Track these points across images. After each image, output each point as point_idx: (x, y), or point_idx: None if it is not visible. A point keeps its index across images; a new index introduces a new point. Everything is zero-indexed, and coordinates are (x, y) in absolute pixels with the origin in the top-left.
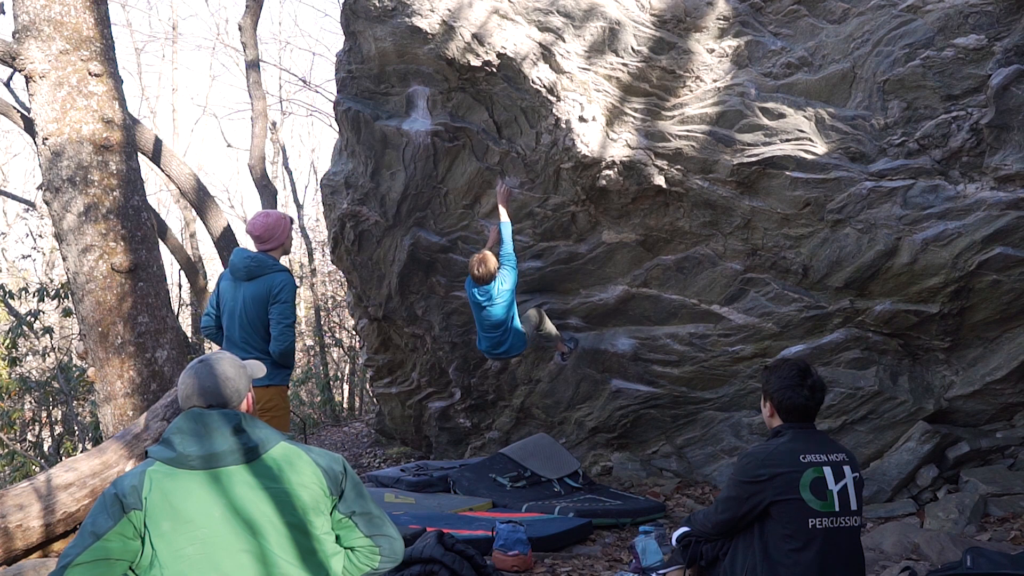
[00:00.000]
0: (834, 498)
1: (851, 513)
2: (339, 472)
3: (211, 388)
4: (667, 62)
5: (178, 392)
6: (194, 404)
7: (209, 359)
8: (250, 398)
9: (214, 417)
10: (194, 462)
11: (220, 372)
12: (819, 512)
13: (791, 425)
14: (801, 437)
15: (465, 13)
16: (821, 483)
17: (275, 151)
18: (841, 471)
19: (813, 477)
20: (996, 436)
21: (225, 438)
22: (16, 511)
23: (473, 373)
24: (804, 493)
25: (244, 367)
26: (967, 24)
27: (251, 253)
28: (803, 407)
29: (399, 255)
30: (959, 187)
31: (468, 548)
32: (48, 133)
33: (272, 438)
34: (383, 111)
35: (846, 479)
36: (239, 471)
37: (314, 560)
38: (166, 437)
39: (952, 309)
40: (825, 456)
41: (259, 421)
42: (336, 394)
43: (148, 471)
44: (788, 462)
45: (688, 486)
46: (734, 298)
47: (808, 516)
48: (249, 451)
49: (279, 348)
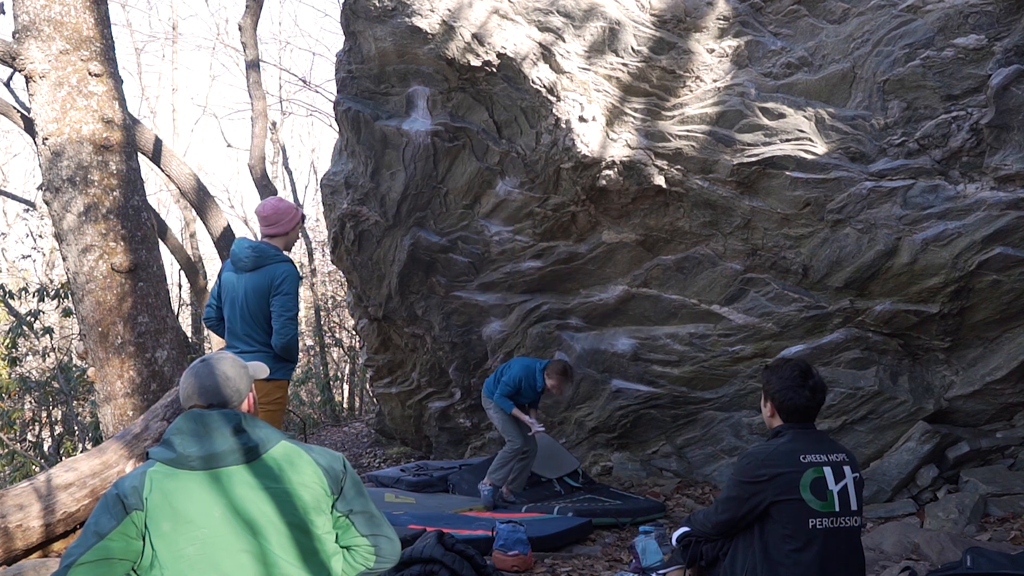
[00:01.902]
0: (834, 498)
1: (851, 513)
2: (339, 471)
3: (211, 388)
4: (667, 62)
5: (179, 392)
6: (195, 404)
7: (210, 359)
8: (251, 398)
9: (214, 417)
10: (194, 462)
11: (221, 372)
12: (819, 512)
13: (791, 425)
14: (801, 437)
15: (465, 13)
16: (821, 483)
17: (275, 151)
18: (841, 471)
19: (813, 477)
20: (996, 436)
21: (225, 438)
22: (16, 511)
23: (473, 373)
24: (804, 493)
25: (245, 367)
26: (967, 24)
27: (253, 243)
28: (804, 408)
29: (399, 255)
30: (959, 187)
31: (468, 548)
32: (48, 133)
33: (272, 438)
34: (383, 111)
35: (846, 479)
36: (239, 471)
37: (315, 560)
38: (166, 438)
39: (952, 309)
40: (825, 456)
41: (259, 421)
42: (336, 394)
43: (148, 472)
44: (788, 462)
45: (688, 486)
46: (734, 298)
47: (808, 516)
48: (249, 451)
49: (281, 341)
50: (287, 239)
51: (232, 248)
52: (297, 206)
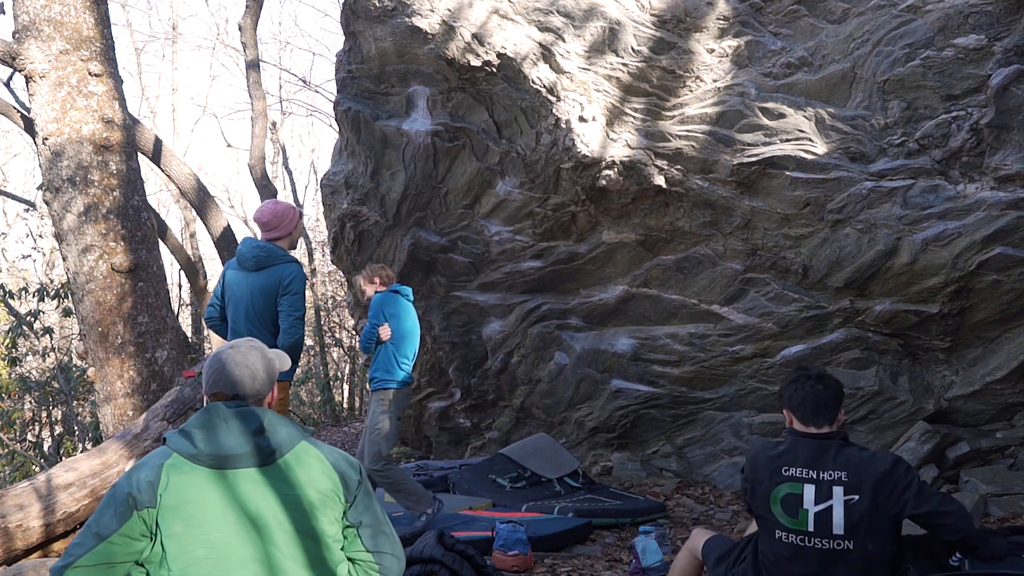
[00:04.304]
0: (808, 517)
1: (832, 536)
2: (355, 479)
3: (238, 380)
4: (667, 62)
5: (203, 376)
6: (217, 391)
7: (240, 346)
8: (275, 391)
9: (234, 416)
10: (212, 461)
11: (250, 365)
12: (787, 528)
13: (796, 432)
14: (799, 447)
15: (465, 13)
16: (795, 500)
17: (275, 151)
18: (828, 492)
19: (786, 492)
20: (996, 436)
21: (246, 439)
22: (16, 511)
23: (473, 373)
24: (774, 507)
25: (272, 360)
26: (967, 24)
27: (260, 243)
28: (811, 401)
29: (399, 255)
30: (959, 187)
31: (468, 548)
32: (48, 133)
33: (291, 439)
34: (383, 111)
35: (831, 501)
36: (255, 474)
37: (324, 569)
38: (187, 429)
39: (952, 309)
40: (814, 473)
41: (283, 419)
42: (336, 394)
43: (165, 465)
44: (767, 472)
45: (688, 486)
46: (734, 298)
47: (775, 528)
48: (266, 455)
49: (289, 341)
50: (290, 239)
51: (239, 247)
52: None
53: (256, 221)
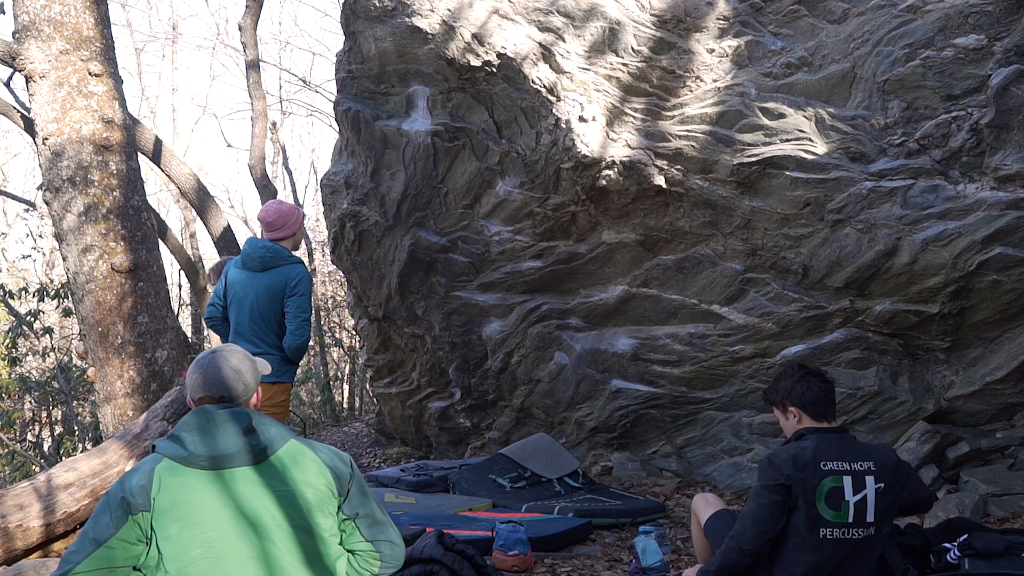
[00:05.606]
0: (849, 509)
1: (865, 524)
2: (346, 472)
3: (222, 381)
4: (667, 62)
5: (187, 383)
6: (204, 396)
7: (220, 351)
8: (259, 393)
9: (225, 416)
10: (203, 462)
11: (232, 366)
12: (830, 523)
13: (814, 429)
14: (825, 441)
15: (465, 13)
16: (838, 493)
17: (275, 151)
18: (863, 481)
19: (831, 487)
20: (996, 436)
21: (236, 438)
22: (16, 511)
23: (473, 373)
24: (819, 503)
25: (254, 361)
26: (967, 24)
27: (266, 243)
28: (823, 397)
29: (399, 255)
30: (959, 187)
31: (468, 548)
32: (48, 133)
33: (280, 437)
34: (383, 111)
35: (867, 490)
36: (247, 472)
37: (321, 564)
38: (176, 434)
39: (952, 309)
40: (848, 464)
41: (269, 419)
42: (336, 394)
43: (157, 469)
44: (810, 469)
45: (688, 486)
46: (734, 298)
47: (820, 526)
48: (258, 452)
49: (296, 342)
50: (294, 240)
51: (244, 247)
52: (296, 206)
53: (260, 221)
